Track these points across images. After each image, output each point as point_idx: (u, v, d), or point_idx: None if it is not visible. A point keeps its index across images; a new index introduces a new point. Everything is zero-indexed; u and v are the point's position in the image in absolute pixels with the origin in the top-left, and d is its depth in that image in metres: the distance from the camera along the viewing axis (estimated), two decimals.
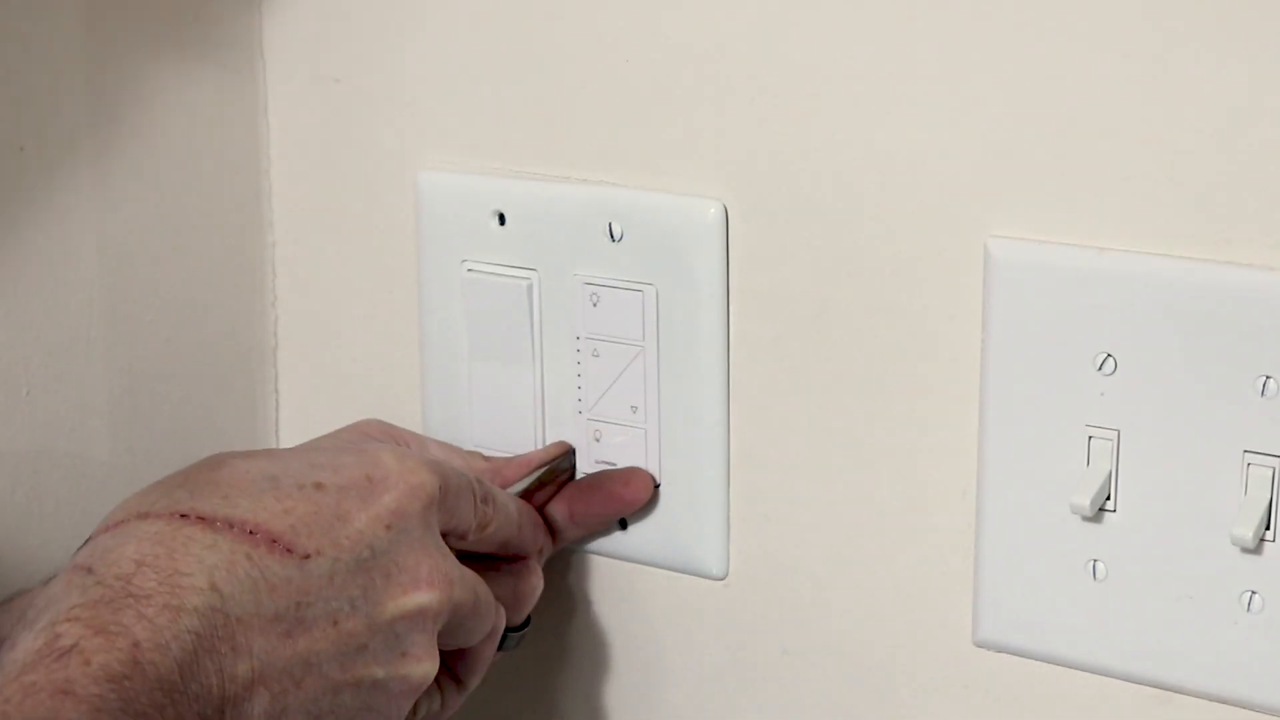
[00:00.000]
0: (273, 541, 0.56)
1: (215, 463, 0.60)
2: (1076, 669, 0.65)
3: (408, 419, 0.78)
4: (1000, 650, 0.66)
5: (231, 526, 0.56)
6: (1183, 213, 0.60)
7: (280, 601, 0.56)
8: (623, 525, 0.73)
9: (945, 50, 0.63)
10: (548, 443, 0.73)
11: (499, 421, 0.74)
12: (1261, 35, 0.58)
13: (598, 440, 0.72)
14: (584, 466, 0.73)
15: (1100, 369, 0.62)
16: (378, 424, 0.72)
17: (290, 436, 0.81)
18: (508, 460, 0.72)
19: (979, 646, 0.67)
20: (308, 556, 0.57)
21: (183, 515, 0.57)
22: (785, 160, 0.67)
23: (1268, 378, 0.59)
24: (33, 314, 0.70)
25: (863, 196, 0.65)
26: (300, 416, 0.81)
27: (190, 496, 0.58)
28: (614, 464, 0.72)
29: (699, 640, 0.73)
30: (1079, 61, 0.61)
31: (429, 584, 0.60)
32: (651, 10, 0.68)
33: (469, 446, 0.75)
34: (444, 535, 0.62)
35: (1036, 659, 0.66)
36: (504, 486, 0.69)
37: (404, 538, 0.59)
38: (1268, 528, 0.60)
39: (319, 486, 0.59)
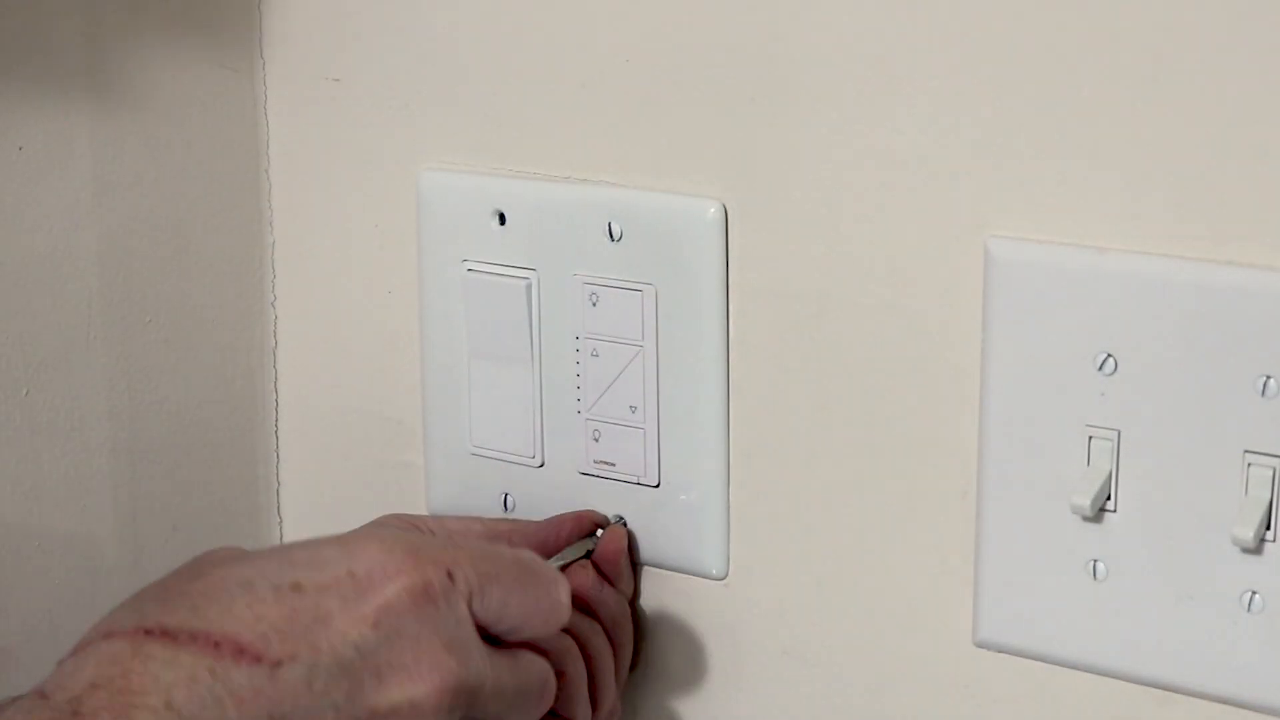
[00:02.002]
0: (239, 651, 0.54)
1: (194, 571, 0.58)
2: (1076, 669, 0.65)
3: (408, 419, 0.78)
4: (1000, 650, 0.66)
5: (195, 639, 0.54)
6: (1183, 213, 0.60)
7: (250, 713, 0.53)
8: (621, 525, 0.73)
9: (945, 50, 0.63)
10: (547, 444, 0.73)
11: (498, 421, 0.74)
12: (1261, 35, 0.58)
13: (597, 440, 0.72)
14: (584, 466, 0.73)
15: (1100, 369, 0.62)
16: (396, 517, 0.70)
17: (290, 436, 0.81)
18: (532, 524, 0.71)
19: (979, 646, 0.67)
20: (279, 663, 0.54)
21: (147, 631, 0.54)
22: (785, 160, 0.67)
23: (1268, 378, 0.59)
24: (33, 314, 0.70)
25: (862, 196, 0.65)
26: (300, 417, 0.81)
27: (159, 610, 0.55)
28: (614, 464, 0.72)
29: (699, 640, 0.73)
30: (1079, 61, 0.61)
31: (424, 678, 0.57)
32: (651, 10, 0.68)
33: (469, 446, 0.75)
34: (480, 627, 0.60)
35: (1036, 659, 0.66)
36: (542, 552, 0.67)
37: (397, 634, 0.57)
38: (1268, 528, 0.60)
39: (296, 588, 0.56)
